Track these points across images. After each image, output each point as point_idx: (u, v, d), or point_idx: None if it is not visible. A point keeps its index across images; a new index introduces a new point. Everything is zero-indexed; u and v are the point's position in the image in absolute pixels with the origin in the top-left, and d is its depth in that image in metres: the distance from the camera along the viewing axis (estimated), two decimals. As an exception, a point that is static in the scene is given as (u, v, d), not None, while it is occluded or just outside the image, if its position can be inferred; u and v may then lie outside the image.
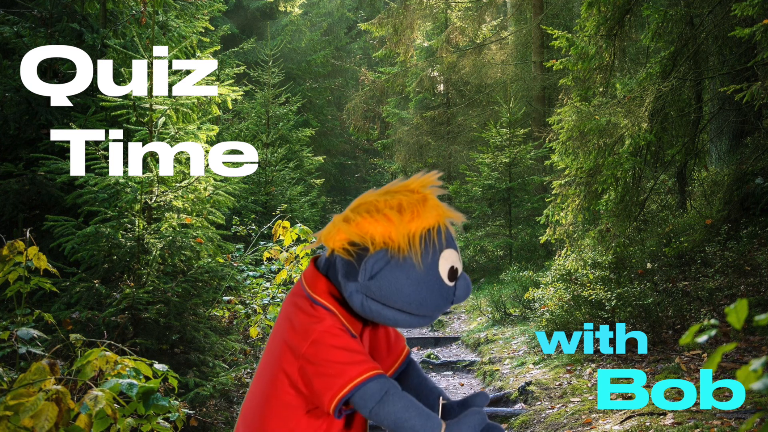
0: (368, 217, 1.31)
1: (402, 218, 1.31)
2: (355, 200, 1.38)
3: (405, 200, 1.33)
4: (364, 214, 1.32)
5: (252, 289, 5.12)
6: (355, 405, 1.31)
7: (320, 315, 1.35)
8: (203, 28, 5.37)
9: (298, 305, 1.38)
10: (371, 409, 1.30)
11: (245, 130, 10.66)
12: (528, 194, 11.22)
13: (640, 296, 5.11)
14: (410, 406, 1.30)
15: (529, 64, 13.00)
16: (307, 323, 1.34)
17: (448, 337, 7.73)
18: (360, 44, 21.77)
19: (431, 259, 1.32)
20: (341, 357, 1.31)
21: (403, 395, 1.32)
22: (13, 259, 2.58)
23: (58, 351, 3.13)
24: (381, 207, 1.32)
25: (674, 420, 3.39)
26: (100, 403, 1.95)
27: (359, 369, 1.30)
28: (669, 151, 6.42)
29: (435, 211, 1.33)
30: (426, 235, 1.31)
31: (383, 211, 1.31)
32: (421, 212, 1.32)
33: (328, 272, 1.39)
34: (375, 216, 1.31)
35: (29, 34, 4.78)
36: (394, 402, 1.30)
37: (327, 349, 1.31)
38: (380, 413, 1.30)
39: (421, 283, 1.30)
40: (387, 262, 1.30)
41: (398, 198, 1.33)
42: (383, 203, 1.33)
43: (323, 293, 1.37)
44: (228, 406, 4.12)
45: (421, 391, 1.50)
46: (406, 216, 1.31)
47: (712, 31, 5.84)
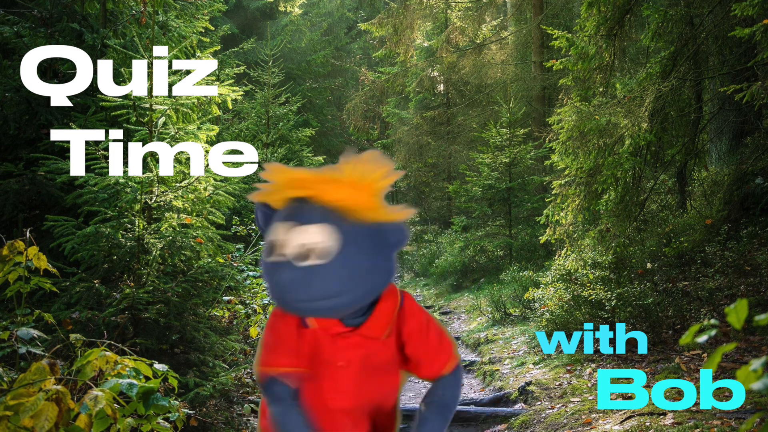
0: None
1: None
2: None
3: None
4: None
5: (252, 289, 5.12)
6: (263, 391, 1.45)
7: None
8: (203, 28, 5.37)
9: None
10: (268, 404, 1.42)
11: (245, 130, 10.66)
12: (528, 194, 11.22)
13: (640, 296, 5.11)
14: (289, 415, 1.38)
15: (529, 64, 13.00)
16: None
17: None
18: (360, 44, 21.77)
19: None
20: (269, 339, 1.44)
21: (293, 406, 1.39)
22: (13, 259, 2.58)
23: (58, 351, 3.12)
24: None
25: (674, 420, 3.39)
26: (100, 403, 1.95)
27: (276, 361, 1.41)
28: (669, 151, 6.42)
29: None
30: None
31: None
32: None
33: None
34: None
35: (29, 34, 4.78)
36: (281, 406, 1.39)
37: (266, 327, 1.48)
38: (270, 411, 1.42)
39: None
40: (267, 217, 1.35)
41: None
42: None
43: None
44: (228, 406, 4.12)
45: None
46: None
47: (712, 31, 5.84)
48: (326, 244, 1.16)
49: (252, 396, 4.37)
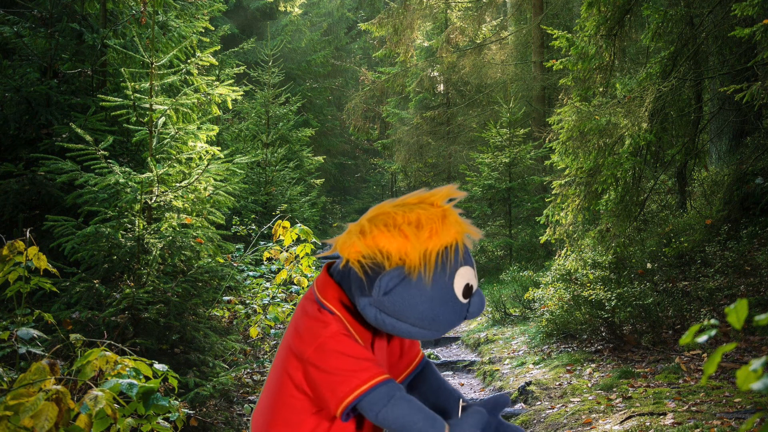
0: (385, 231, 1.28)
1: (419, 235, 1.27)
2: (371, 209, 1.35)
3: (423, 215, 1.29)
4: (381, 227, 1.29)
5: (252, 289, 5.12)
6: (362, 410, 1.31)
7: (326, 320, 1.34)
8: (203, 28, 5.37)
9: (305, 309, 1.39)
10: (378, 414, 1.30)
11: (245, 130, 10.67)
12: (528, 194, 11.22)
13: (640, 296, 5.11)
14: (416, 410, 1.30)
15: (529, 64, 13.00)
16: (311, 327, 1.34)
17: (448, 337, 7.73)
18: (360, 44, 21.78)
19: (447, 277, 1.30)
20: (346, 363, 1.30)
21: (409, 399, 1.32)
22: (13, 259, 2.58)
23: (58, 351, 3.13)
24: (399, 221, 1.29)
25: (674, 420, 3.39)
26: (100, 403, 1.95)
27: (365, 375, 1.30)
28: (669, 151, 6.42)
29: (453, 228, 1.30)
30: (443, 253, 1.29)
31: (401, 226, 1.28)
32: (439, 229, 1.29)
33: (342, 280, 1.38)
34: (392, 231, 1.28)
35: (29, 34, 4.78)
36: (401, 406, 1.30)
37: (332, 354, 1.31)
38: (387, 417, 1.29)
39: (435, 300, 1.29)
40: (401, 279, 1.28)
41: (417, 212, 1.30)
42: (401, 217, 1.29)
43: (333, 299, 1.36)
44: (228, 406, 4.12)
45: (440, 393, 1.51)
46: (423, 233, 1.28)
47: (712, 31, 5.84)
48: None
49: (252, 396, 4.38)
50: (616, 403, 3.97)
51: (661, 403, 3.75)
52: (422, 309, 1.29)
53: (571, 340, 5.77)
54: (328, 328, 1.33)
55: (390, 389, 1.31)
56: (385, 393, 1.30)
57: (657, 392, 4.00)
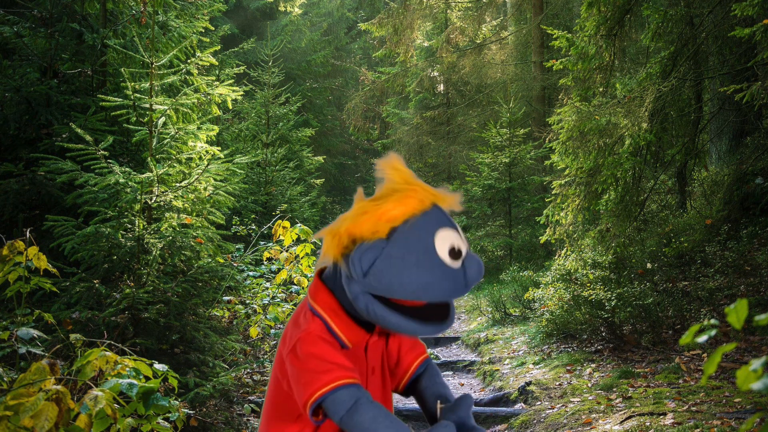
0: (356, 219, 1.30)
1: (383, 206, 1.28)
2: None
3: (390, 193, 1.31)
4: (353, 218, 1.30)
5: (252, 289, 5.12)
6: (327, 412, 1.31)
7: (308, 320, 1.36)
8: (203, 28, 5.37)
9: (296, 315, 1.42)
10: (341, 418, 1.29)
11: (245, 130, 10.67)
12: (528, 194, 11.23)
13: (640, 296, 5.11)
14: (379, 417, 1.29)
15: (529, 64, 13.01)
16: (293, 330, 1.37)
17: (448, 337, 7.73)
18: (360, 44, 21.78)
19: (426, 242, 1.27)
20: (313, 364, 1.30)
21: (374, 405, 1.30)
22: (13, 259, 2.58)
23: (58, 351, 3.13)
24: (367, 208, 1.30)
25: (674, 420, 3.39)
26: (100, 403, 1.95)
27: (327, 378, 1.29)
28: (669, 151, 6.42)
29: (422, 194, 1.30)
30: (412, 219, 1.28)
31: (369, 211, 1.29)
32: (404, 200, 1.29)
33: (334, 286, 1.38)
34: (362, 217, 1.29)
35: (29, 34, 4.78)
36: (364, 412, 1.28)
37: (303, 354, 1.32)
38: (349, 422, 1.28)
39: (420, 266, 1.25)
40: (378, 253, 1.27)
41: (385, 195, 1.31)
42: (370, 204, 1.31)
43: (322, 302, 1.37)
44: (228, 406, 4.12)
45: (425, 396, 1.50)
46: (388, 204, 1.29)
47: (712, 31, 5.84)
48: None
49: (252, 396, 4.38)
50: (616, 403, 3.97)
51: (661, 403, 3.75)
52: (409, 278, 1.25)
53: (571, 340, 5.77)
54: (305, 328, 1.34)
55: (353, 393, 1.29)
56: (347, 396, 1.29)
57: (657, 392, 4.00)
